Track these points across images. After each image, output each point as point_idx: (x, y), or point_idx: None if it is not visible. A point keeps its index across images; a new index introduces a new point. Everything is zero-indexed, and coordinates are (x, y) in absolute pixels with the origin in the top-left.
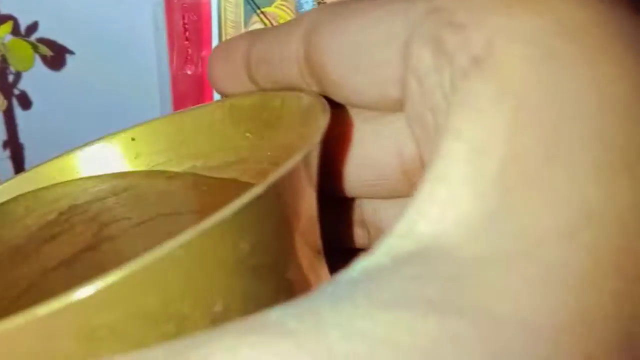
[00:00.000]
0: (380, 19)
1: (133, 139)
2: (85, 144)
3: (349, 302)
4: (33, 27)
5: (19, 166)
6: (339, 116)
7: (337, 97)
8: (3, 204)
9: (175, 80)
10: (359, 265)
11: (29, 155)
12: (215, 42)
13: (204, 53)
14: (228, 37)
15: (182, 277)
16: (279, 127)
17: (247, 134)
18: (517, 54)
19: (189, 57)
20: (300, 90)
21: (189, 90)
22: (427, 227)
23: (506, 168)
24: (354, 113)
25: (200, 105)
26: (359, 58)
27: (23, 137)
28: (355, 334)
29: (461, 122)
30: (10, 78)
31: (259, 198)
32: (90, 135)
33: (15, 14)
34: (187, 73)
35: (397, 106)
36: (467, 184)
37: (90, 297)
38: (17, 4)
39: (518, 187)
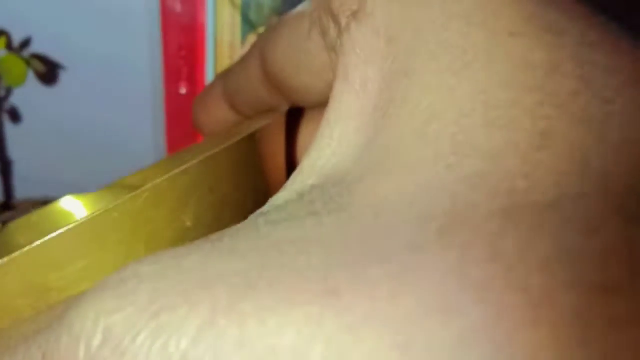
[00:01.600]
0: (301, 16)
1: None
2: (97, 190)
3: (251, 224)
4: (26, 42)
5: (7, 182)
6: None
7: (301, 103)
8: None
9: (168, 99)
10: (271, 202)
11: (18, 170)
12: (210, 62)
13: (198, 72)
14: (224, 58)
15: (119, 239)
16: None
17: None
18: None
19: (183, 76)
20: (276, 107)
21: (182, 109)
22: (327, 161)
23: (381, 96)
24: None
25: (200, 143)
26: (297, 57)
27: (12, 153)
28: (243, 239)
29: (347, 66)
30: (1, 92)
31: (187, 173)
32: (81, 152)
33: (8, 29)
34: (180, 92)
35: None
36: (354, 118)
37: (31, 256)
38: (10, 18)
39: (388, 110)
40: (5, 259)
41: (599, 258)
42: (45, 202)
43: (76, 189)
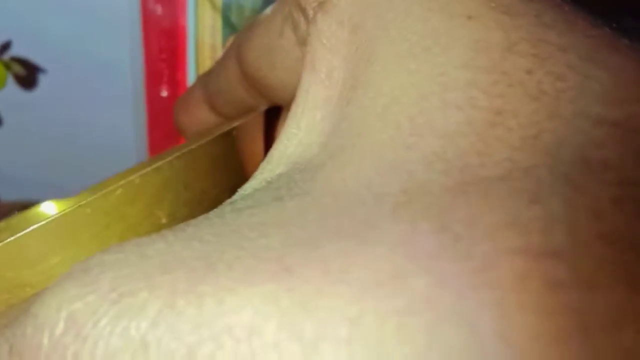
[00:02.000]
0: (274, 15)
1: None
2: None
3: (217, 213)
4: (6, 46)
5: None
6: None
7: (279, 100)
8: None
9: (150, 101)
10: (240, 191)
11: None
12: (191, 64)
13: (179, 75)
14: (205, 60)
15: (92, 235)
16: None
17: None
18: None
19: (164, 79)
20: (256, 107)
21: (164, 111)
22: (294, 150)
23: (345, 85)
24: None
25: (180, 145)
26: (272, 55)
27: None
28: (207, 226)
29: (313, 57)
30: None
31: (160, 170)
32: (63, 154)
33: None
34: (162, 95)
35: None
36: (320, 107)
37: (4, 252)
38: None
39: (352, 98)
40: None
41: (542, 225)
42: (27, 204)
43: (58, 191)
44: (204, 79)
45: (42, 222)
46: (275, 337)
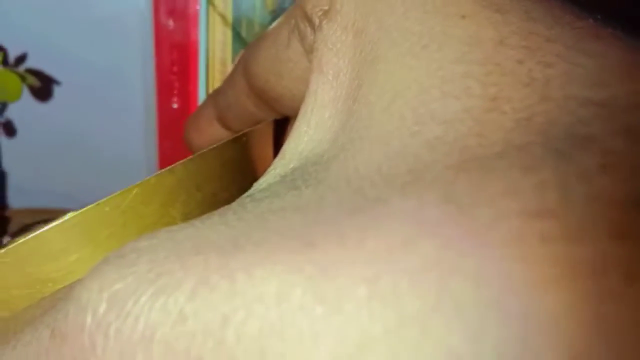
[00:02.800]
0: (280, 28)
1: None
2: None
3: (238, 204)
4: (22, 58)
5: (1, 193)
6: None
7: (287, 111)
8: None
9: (161, 113)
10: (256, 185)
11: (12, 182)
12: (202, 78)
13: (190, 88)
14: (216, 74)
15: (110, 233)
16: None
17: None
18: None
19: (175, 91)
20: (265, 120)
21: (174, 123)
22: (305, 146)
23: (352, 85)
24: None
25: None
26: (279, 66)
27: (6, 166)
28: (231, 214)
29: (320, 60)
30: None
31: (174, 172)
32: (74, 165)
33: (5, 45)
34: (173, 107)
35: None
36: (328, 106)
37: (26, 248)
38: (7, 34)
39: (358, 96)
40: (2, 250)
41: (536, 190)
42: (39, 210)
43: (70, 200)
44: (214, 96)
45: (63, 219)
46: (301, 301)
